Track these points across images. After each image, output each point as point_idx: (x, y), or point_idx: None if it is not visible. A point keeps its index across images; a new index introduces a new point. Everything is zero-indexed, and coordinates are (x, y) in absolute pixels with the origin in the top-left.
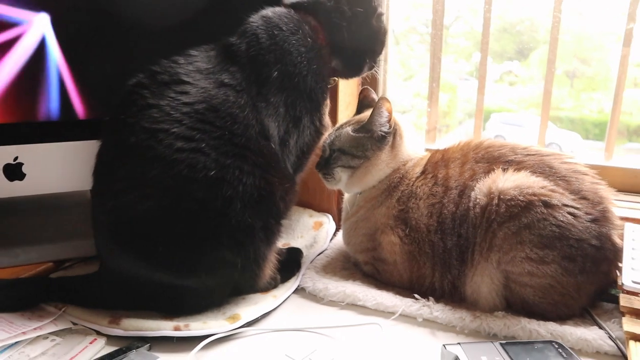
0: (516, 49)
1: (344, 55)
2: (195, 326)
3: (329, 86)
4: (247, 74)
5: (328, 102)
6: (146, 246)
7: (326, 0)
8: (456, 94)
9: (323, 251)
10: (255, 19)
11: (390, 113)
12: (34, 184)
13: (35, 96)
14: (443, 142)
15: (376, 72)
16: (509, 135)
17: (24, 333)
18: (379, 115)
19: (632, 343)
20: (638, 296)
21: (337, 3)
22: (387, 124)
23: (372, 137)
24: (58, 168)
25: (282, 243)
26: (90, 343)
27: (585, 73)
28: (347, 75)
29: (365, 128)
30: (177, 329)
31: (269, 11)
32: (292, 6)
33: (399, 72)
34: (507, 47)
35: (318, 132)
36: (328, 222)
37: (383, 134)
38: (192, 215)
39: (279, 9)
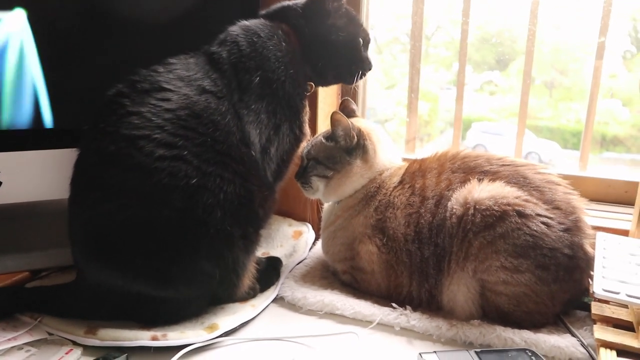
0: (496, 59)
1: (310, 59)
2: (173, 336)
3: (306, 93)
4: (229, 81)
5: (307, 109)
6: (124, 256)
7: (292, 5)
8: (437, 103)
9: (302, 260)
10: (234, 28)
11: (344, 126)
12: (10, 192)
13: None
14: (424, 151)
15: (356, 86)
16: (489, 144)
17: None
18: (335, 128)
19: (602, 350)
20: (609, 304)
21: (298, 7)
22: (348, 137)
23: (341, 148)
24: (34, 176)
25: (261, 252)
26: (66, 353)
27: (563, 83)
28: (318, 81)
29: (332, 138)
30: (154, 338)
31: (245, 21)
32: (263, 16)
33: (382, 81)
34: (487, 57)
35: (297, 140)
36: (307, 231)
37: (347, 145)
38: (172, 225)
39: (254, 19)
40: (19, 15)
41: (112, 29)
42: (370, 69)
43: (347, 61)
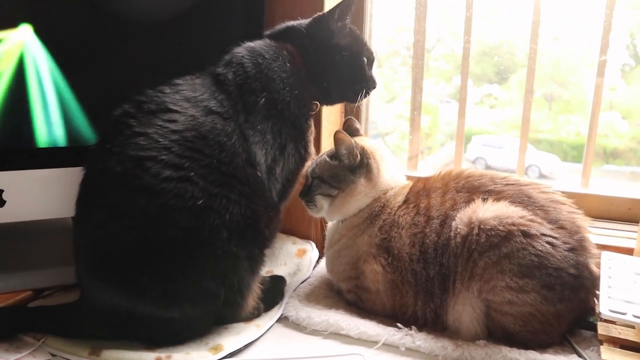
0: (496, 72)
1: (315, 79)
2: (177, 357)
3: (311, 112)
4: (235, 102)
5: (313, 129)
6: (129, 276)
7: (296, 25)
8: (437, 116)
9: (306, 279)
10: (239, 49)
11: (347, 145)
12: (14, 211)
13: (16, 122)
14: (425, 165)
15: (359, 104)
16: (489, 157)
17: None
18: (339, 147)
19: None
20: (615, 324)
21: (303, 27)
22: (351, 156)
23: (344, 167)
24: (39, 195)
25: (265, 270)
26: None
27: (563, 96)
28: (323, 101)
29: (335, 157)
30: None
31: (250, 42)
32: (268, 36)
33: (382, 94)
34: (486, 70)
35: (303, 160)
36: (311, 250)
37: (351, 163)
38: (177, 245)
39: (259, 41)
40: (26, 31)
41: (115, 52)
42: (374, 88)
43: (351, 80)
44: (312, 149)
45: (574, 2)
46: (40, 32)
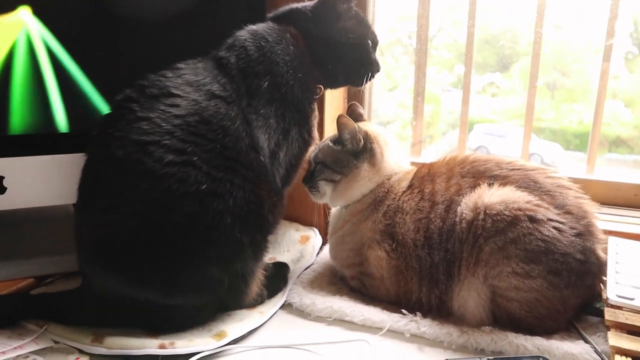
0: (498, 61)
1: (320, 62)
2: (180, 344)
3: (315, 96)
4: (237, 86)
5: (316, 113)
6: (132, 263)
7: (300, 8)
8: (439, 105)
9: (310, 266)
10: (242, 32)
11: (351, 129)
12: (15, 198)
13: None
14: (428, 153)
15: (363, 89)
16: (491, 145)
17: (3, 353)
18: (341, 131)
19: (617, 357)
20: (622, 310)
21: (307, 9)
22: (354, 140)
23: (347, 152)
24: (40, 182)
25: (268, 257)
26: None
27: (565, 85)
28: (327, 84)
29: (338, 142)
30: (162, 347)
31: (253, 25)
32: (271, 19)
33: (384, 83)
34: (488, 59)
35: (306, 144)
36: (314, 236)
37: (354, 148)
38: (181, 231)
39: (262, 24)
40: (25, 14)
41: (117, 34)
42: (378, 71)
43: (357, 63)
44: (315, 133)
45: None
46: (41, 15)
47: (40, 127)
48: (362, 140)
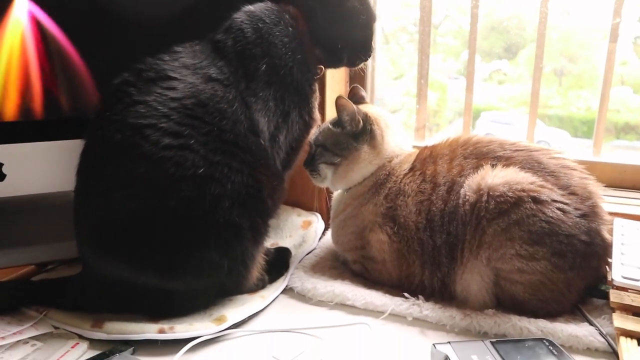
0: (504, 48)
1: (324, 42)
2: (180, 328)
3: (316, 77)
4: (235, 69)
5: (317, 94)
6: (131, 247)
7: None
8: (446, 92)
9: (312, 250)
10: (239, 14)
11: (349, 110)
12: (14, 185)
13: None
14: (433, 140)
15: (364, 66)
16: (498, 133)
17: (2, 338)
18: (340, 112)
19: (622, 339)
20: (628, 292)
21: None
22: (354, 122)
23: (347, 134)
24: (39, 168)
25: (270, 243)
26: (72, 347)
27: (573, 71)
28: (330, 64)
29: (338, 124)
30: (161, 331)
31: (250, 6)
32: None
33: (390, 71)
34: (495, 46)
35: (307, 126)
36: (317, 221)
37: (354, 129)
38: (179, 215)
39: (260, 4)
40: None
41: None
42: (372, 52)
43: (363, 43)
44: (317, 114)
45: None
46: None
47: (39, 113)
48: (361, 121)
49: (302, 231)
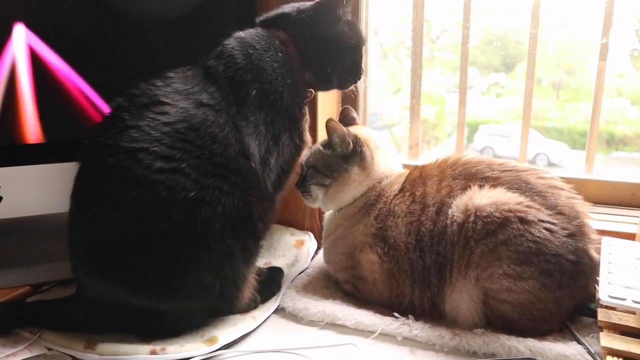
0: (502, 61)
1: (314, 66)
2: (172, 350)
3: (306, 100)
4: (226, 94)
5: (307, 117)
6: (124, 269)
7: (291, 11)
8: (444, 106)
9: (304, 270)
10: (230, 41)
11: (339, 133)
12: (10, 207)
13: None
14: (432, 155)
15: (355, 88)
16: (497, 146)
17: None
18: (331, 135)
19: (609, 358)
20: (615, 311)
21: (300, 13)
22: (344, 144)
23: (337, 156)
24: (35, 191)
25: (263, 262)
26: None
27: (570, 84)
28: (320, 87)
29: (329, 146)
30: (153, 352)
31: (241, 33)
32: (261, 24)
33: (388, 86)
34: (493, 59)
35: (298, 149)
36: (309, 241)
37: (344, 152)
38: (171, 238)
39: (251, 30)
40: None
41: (110, 36)
42: (362, 74)
43: (352, 67)
44: (307, 137)
45: None
46: (35, 28)
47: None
48: (351, 143)
49: (295, 250)
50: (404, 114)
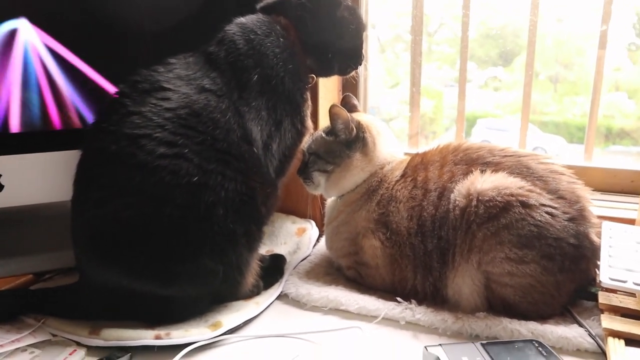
0: (500, 55)
1: (315, 51)
2: (176, 334)
3: (307, 86)
4: (228, 80)
5: (309, 103)
6: (127, 255)
7: None
8: (442, 100)
9: (306, 257)
10: (231, 27)
11: (344, 118)
12: (13, 195)
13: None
14: (428, 148)
15: (356, 75)
16: (494, 140)
17: (1, 346)
18: (334, 121)
19: (610, 339)
20: (616, 293)
21: (307, 1)
22: (347, 130)
23: (340, 142)
24: (37, 179)
25: (265, 250)
26: (70, 354)
27: (568, 77)
28: (322, 73)
29: (332, 132)
30: (158, 337)
31: (242, 18)
32: (262, 10)
33: (385, 80)
34: (490, 53)
35: (300, 134)
36: (311, 228)
37: (347, 138)
38: (174, 223)
39: (252, 15)
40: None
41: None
42: (363, 60)
43: (354, 52)
44: (309, 123)
45: None
46: (38, 21)
47: (36, 125)
48: (354, 129)
49: (296, 238)
50: (402, 108)
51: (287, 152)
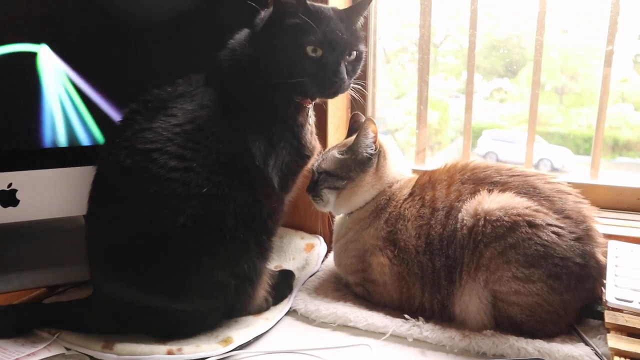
0: (505, 66)
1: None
2: (188, 350)
3: (297, 105)
4: (224, 99)
5: (307, 121)
6: (141, 269)
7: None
8: (447, 111)
9: (315, 273)
10: (224, 52)
11: (375, 134)
12: (27, 210)
13: (29, 123)
14: (435, 160)
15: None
16: (500, 151)
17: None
18: (364, 137)
19: (616, 359)
20: (622, 313)
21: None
22: (373, 145)
23: (356, 159)
24: (51, 194)
25: (274, 265)
26: None
27: (573, 89)
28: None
29: (351, 149)
30: (170, 352)
31: (233, 44)
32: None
33: (391, 91)
34: (496, 64)
35: (298, 151)
36: (319, 244)
37: (368, 155)
38: (187, 233)
39: (242, 37)
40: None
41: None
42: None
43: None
44: (307, 140)
45: None
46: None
47: (51, 142)
48: (377, 147)
49: (305, 254)
50: (407, 120)
51: (286, 169)
